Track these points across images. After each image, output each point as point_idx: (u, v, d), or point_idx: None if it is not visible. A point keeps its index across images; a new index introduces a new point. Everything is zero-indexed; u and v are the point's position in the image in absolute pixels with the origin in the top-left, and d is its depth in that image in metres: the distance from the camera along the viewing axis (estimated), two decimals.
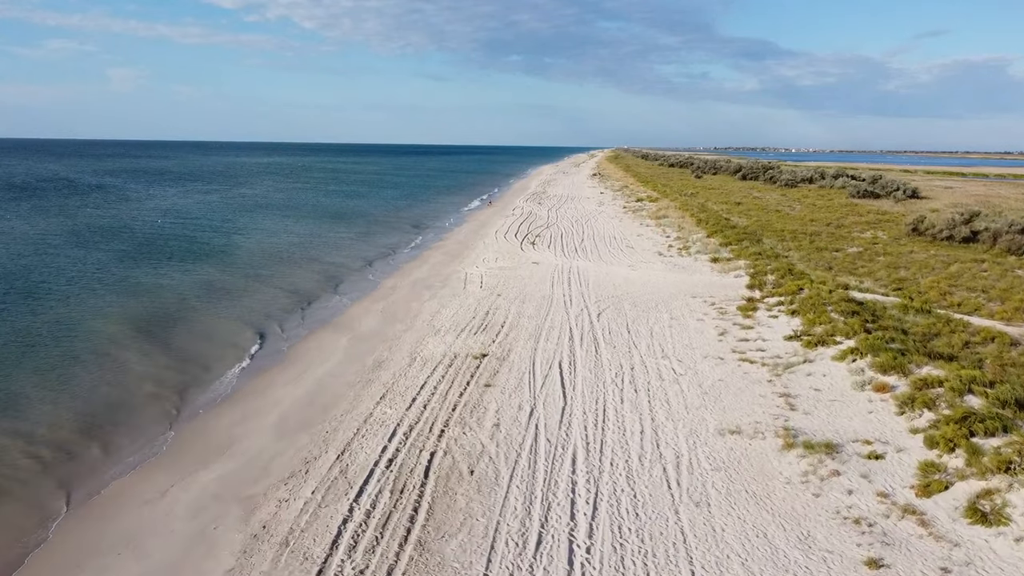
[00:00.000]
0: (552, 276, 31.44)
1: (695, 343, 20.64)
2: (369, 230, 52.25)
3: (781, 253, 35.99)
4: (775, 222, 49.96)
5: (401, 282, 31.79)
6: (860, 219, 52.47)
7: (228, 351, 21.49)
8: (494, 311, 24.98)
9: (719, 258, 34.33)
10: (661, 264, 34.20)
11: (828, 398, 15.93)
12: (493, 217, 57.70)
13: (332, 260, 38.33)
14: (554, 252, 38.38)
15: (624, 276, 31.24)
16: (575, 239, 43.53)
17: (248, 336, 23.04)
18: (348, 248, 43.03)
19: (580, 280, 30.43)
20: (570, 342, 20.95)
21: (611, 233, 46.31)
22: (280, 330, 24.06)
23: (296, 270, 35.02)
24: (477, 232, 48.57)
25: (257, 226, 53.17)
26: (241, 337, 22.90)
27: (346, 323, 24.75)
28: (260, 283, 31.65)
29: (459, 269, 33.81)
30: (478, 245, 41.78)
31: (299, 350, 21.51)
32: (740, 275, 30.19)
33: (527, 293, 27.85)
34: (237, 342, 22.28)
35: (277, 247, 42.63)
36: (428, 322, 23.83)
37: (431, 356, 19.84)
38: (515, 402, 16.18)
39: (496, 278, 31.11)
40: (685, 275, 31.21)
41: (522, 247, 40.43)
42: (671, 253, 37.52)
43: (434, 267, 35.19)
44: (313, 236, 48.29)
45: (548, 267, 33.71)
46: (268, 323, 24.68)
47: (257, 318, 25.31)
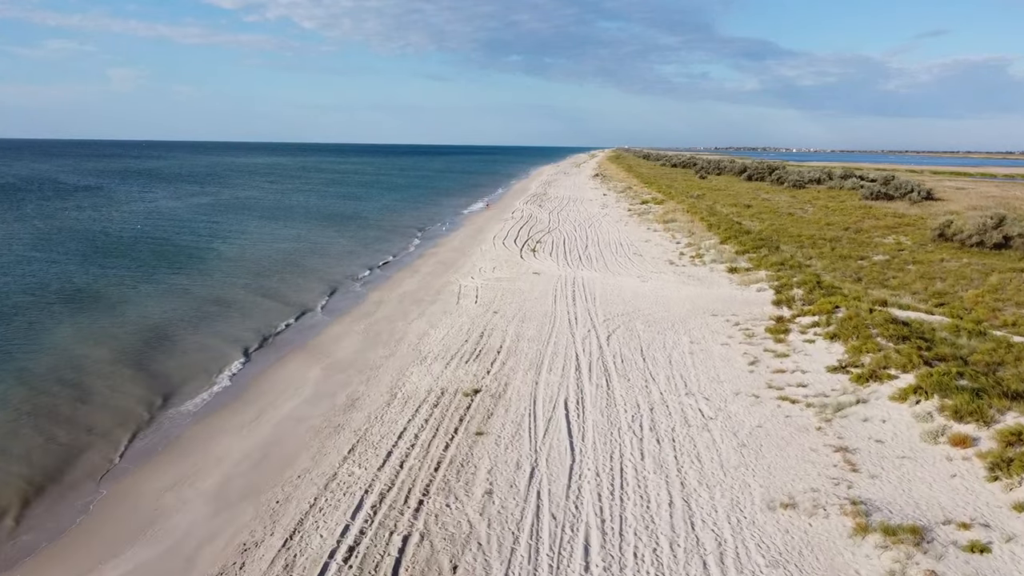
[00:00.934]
0: (555, 289, 28.51)
1: (723, 375, 17.70)
2: (360, 235, 49.32)
3: (803, 262, 33.06)
4: (790, 226, 47.07)
5: (389, 296, 28.84)
6: (878, 222, 49.57)
7: (180, 385, 18.51)
8: (490, 332, 22.04)
9: (737, 268, 31.38)
10: (673, 275, 31.26)
11: (896, 453, 12.99)
12: (491, 221, 54.76)
13: (317, 269, 35.39)
14: (556, 260, 35.46)
15: (634, 289, 28.31)
16: (578, 245, 40.60)
17: (206, 365, 20.06)
18: (336, 255, 40.11)
19: (586, 294, 27.51)
20: (577, 373, 18.02)
21: (617, 239, 43.39)
22: (244, 356, 21.07)
23: (275, 281, 32.08)
24: (474, 237, 45.64)
25: (242, 230, 50.25)
26: (196, 367, 19.89)
27: (322, 347, 21.78)
28: (232, 297, 28.71)
29: (453, 280, 30.88)
30: (474, 252, 38.85)
31: (262, 383, 18.53)
32: (763, 289, 27.25)
33: (527, 310, 24.92)
34: (191, 374, 19.27)
35: (259, 254, 39.71)
36: (414, 346, 20.88)
37: (414, 392, 16.90)
38: (512, 457, 13.25)
39: (493, 291, 28.18)
40: (701, 288, 28.27)
41: (522, 254, 37.50)
42: (683, 262, 34.58)
43: (426, 278, 32.25)
44: (300, 241, 45.37)
45: (550, 278, 30.79)
46: (232, 348, 21.68)
47: (220, 341, 22.31)
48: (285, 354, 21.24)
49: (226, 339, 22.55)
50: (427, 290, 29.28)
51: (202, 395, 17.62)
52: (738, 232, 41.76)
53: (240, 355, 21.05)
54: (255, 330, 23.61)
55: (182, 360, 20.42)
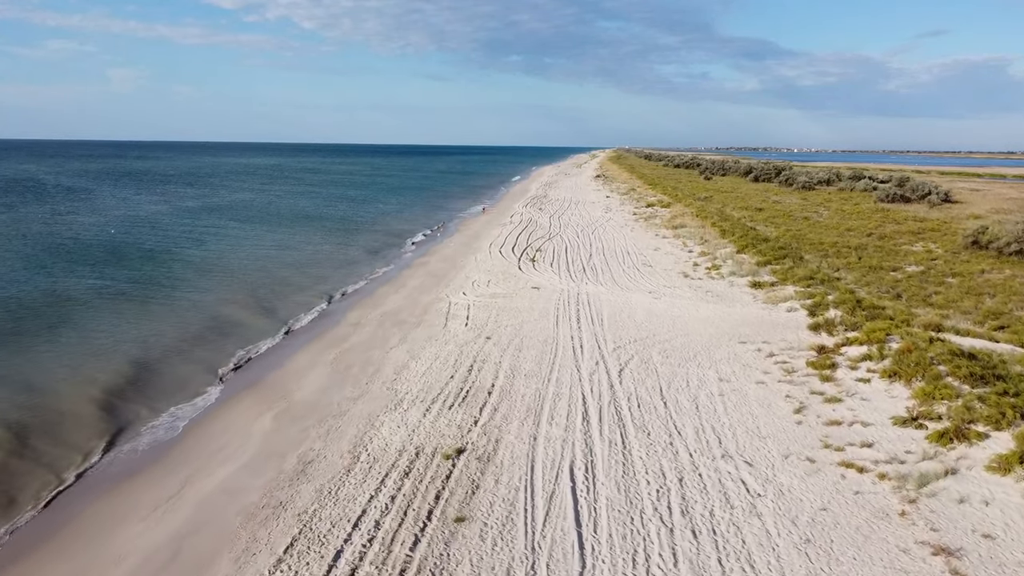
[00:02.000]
0: (556, 307, 25.17)
1: (764, 427, 14.36)
2: (348, 241, 45.97)
3: (832, 275, 29.70)
4: (808, 232, 43.75)
5: (369, 316, 25.47)
6: (900, 228, 46.27)
7: (89, 441, 15.03)
8: (480, 365, 18.69)
9: (761, 283, 28.01)
10: (689, 290, 27.90)
11: (1016, 558, 9.66)
12: (488, 226, 51.38)
13: (293, 282, 32.03)
14: (558, 272, 32.11)
15: (646, 307, 24.96)
16: (582, 254, 37.25)
17: (130, 414, 16.60)
18: (317, 264, 36.75)
19: (591, 313, 24.16)
20: (585, 424, 14.67)
21: (623, 246, 40.03)
22: (183, 396, 17.69)
23: (244, 296, 28.72)
24: (469, 245, 42.28)
25: (222, 236, 46.92)
26: (118, 416, 16.42)
27: (281, 384, 18.41)
28: (189, 317, 25.35)
29: (442, 296, 27.52)
30: (468, 263, 35.50)
31: (197, 437, 15.16)
32: (794, 308, 23.90)
33: (525, 334, 21.56)
34: (108, 426, 15.80)
35: (234, 264, 36.36)
36: (389, 384, 17.53)
37: (383, 452, 13.56)
38: (501, 562, 9.91)
39: (486, 310, 24.84)
40: (722, 307, 24.91)
41: (520, 265, 34.15)
42: (698, 274, 31.21)
43: (412, 293, 28.89)
44: (282, 249, 42.04)
45: (551, 293, 27.44)
46: (172, 387, 18.28)
47: (159, 379, 18.85)
48: (234, 395, 17.84)
49: (167, 375, 19.12)
50: (412, 309, 25.92)
51: (115, 455, 14.22)
52: (755, 239, 38.43)
53: (180, 396, 17.65)
54: (205, 363, 20.19)
55: (101, 408, 16.83)
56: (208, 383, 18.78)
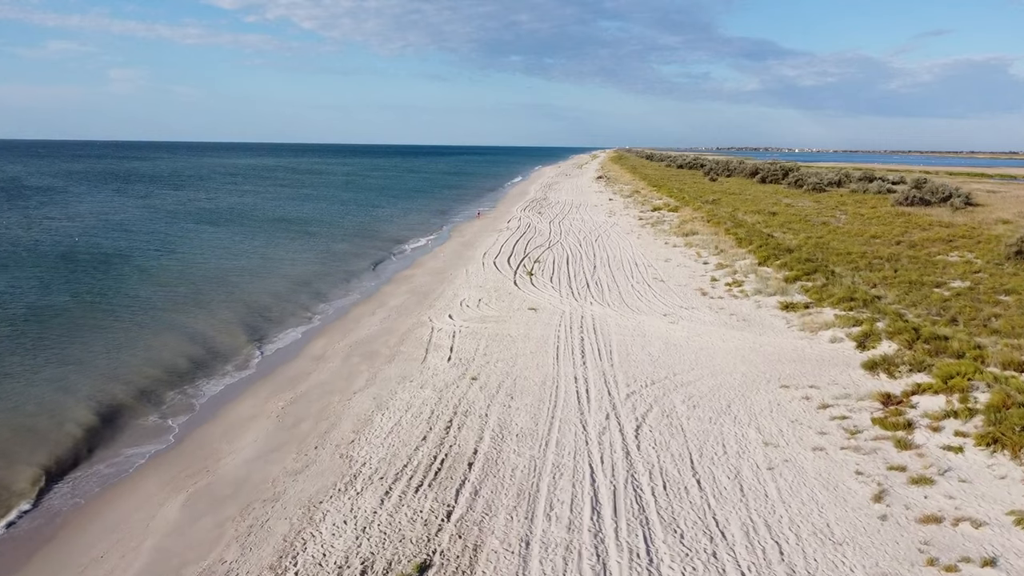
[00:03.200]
0: (556, 334, 21.43)
1: (837, 524, 10.61)
2: (330, 250, 42.23)
3: (870, 292, 25.95)
4: (831, 240, 40.03)
5: (336, 346, 21.69)
6: (928, 234, 42.52)
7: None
8: (462, 419, 14.95)
9: (793, 304, 24.23)
10: (710, 312, 24.15)
11: None
12: (483, 233, 47.61)
13: (259, 300, 28.25)
14: (558, 288, 28.36)
15: (662, 335, 21.23)
16: (585, 266, 33.49)
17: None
18: (289, 278, 32.98)
19: (598, 343, 20.42)
20: (595, 518, 10.92)
21: (630, 256, 36.29)
22: (85, 465, 13.89)
23: (197, 319, 24.94)
24: (460, 255, 38.52)
25: (194, 242, 43.18)
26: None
27: (208, 445, 14.64)
28: (122, 344, 21.46)
29: (424, 320, 23.77)
30: (458, 277, 31.74)
31: (62, 539, 11.33)
32: (839, 339, 20.14)
33: (518, 374, 17.82)
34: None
35: (198, 275, 32.61)
36: (344, 449, 13.77)
37: (315, 570, 9.81)
38: None
39: (475, 339, 21.10)
40: (753, 336, 21.16)
41: (516, 279, 30.40)
42: (718, 291, 27.45)
43: (392, 316, 25.12)
44: (256, 258, 38.29)
45: (551, 316, 23.70)
46: (63, 453, 14.42)
47: (45, 444, 14.86)
48: (149, 461, 14.07)
49: (61, 435, 15.23)
50: (388, 337, 22.14)
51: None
52: (776, 249, 34.70)
53: (83, 467, 13.85)
54: (124, 415, 16.37)
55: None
56: (124, 443, 15.01)
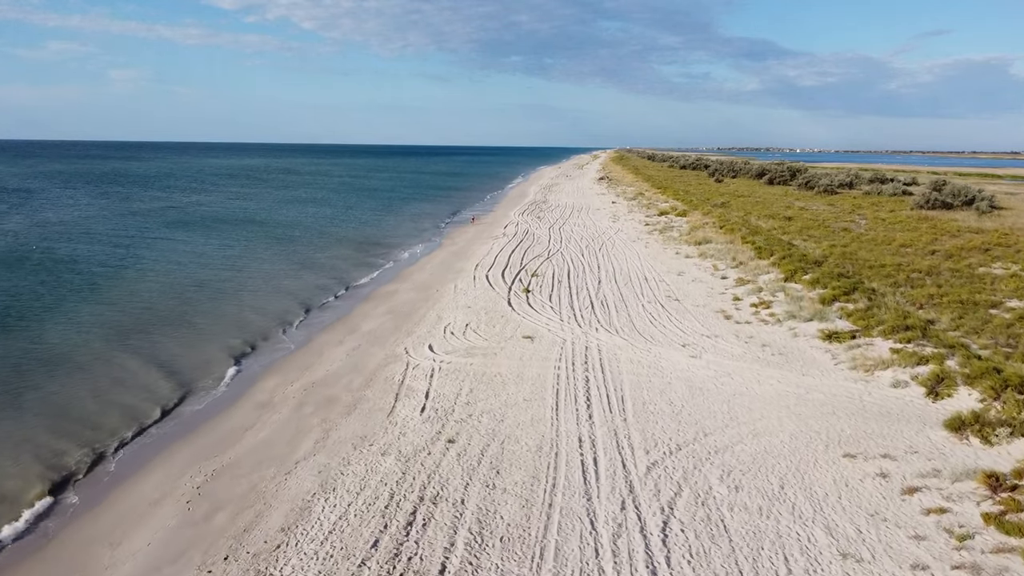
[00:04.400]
0: (556, 373, 17.69)
1: None
2: (307, 260, 38.47)
3: (921, 316, 22.18)
4: (857, 249, 36.34)
5: (286, 389, 17.89)
6: (959, 241, 38.87)
7: None
8: (429, 513, 11.19)
9: (836, 332, 20.43)
10: (738, 342, 20.39)
11: None
12: (477, 240, 43.84)
13: (207, 325, 24.38)
14: (558, 309, 24.61)
15: (684, 374, 17.49)
16: (589, 281, 29.75)
17: None
18: (254, 295, 29.21)
19: (607, 386, 16.69)
20: None
21: (639, 268, 32.54)
22: None
23: (123, 351, 20.96)
24: (450, 267, 34.75)
25: (155, 250, 39.43)
26: None
27: (69, 562, 10.86)
28: (34, 389, 17.72)
29: (399, 352, 20.00)
30: (445, 294, 27.99)
31: None
32: (903, 382, 16.39)
33: (507, 435, 14.07)
34: None
35: (150, 290, 28.84)
36: (263, 567, 10.01)
37: None
38: None
39: (456, 380, 17.36)
40: (794, 374, 17.41)
41: (510, 298, 26.66)
42: (743, 313, 23.70)
43: (361, 346, 21.33)
44: (222, 270, 34.54)
45: (549, 348, 19.96)
46: None
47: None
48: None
49: None
50: (354, 376, 18.37)
51: None
52: (801, 261, 30.98)
53: None
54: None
55: None
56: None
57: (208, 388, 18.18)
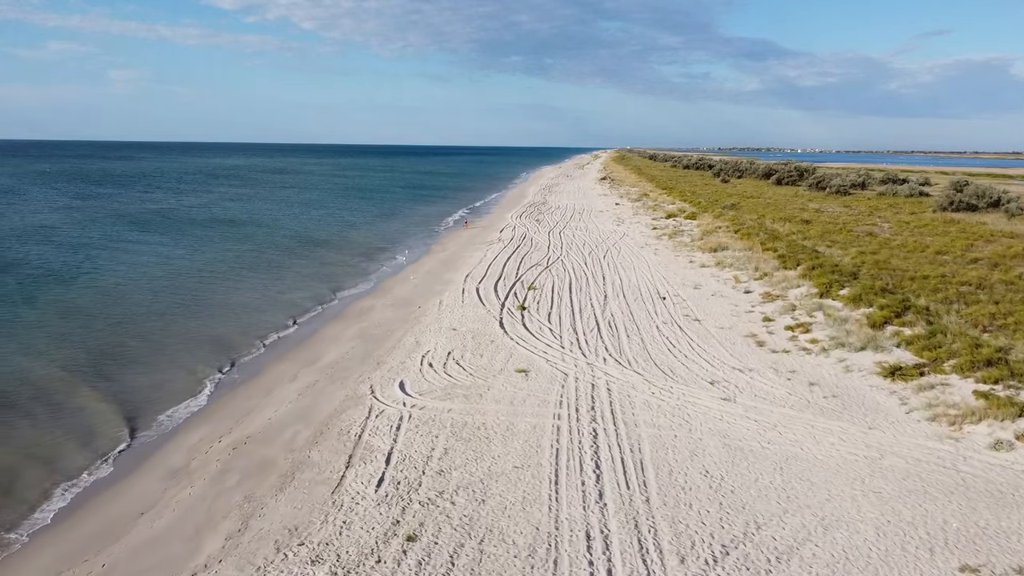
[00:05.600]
0: (555, 426, 13.94)
1: None
2: (279, 268, 34.72)
3: (991, 343, 18.39)
4: (889, 256, 32.60)
5: (211, 448, 14.09)
6: (997, 247, 35.11)
7: None
8: None
9: (899, 368, 16.66)
10: (778, 378, 16.62)
11: None
12: (469, 246, 40.06)
13: (139, 354, 20.49)
14: (559, 332, 20.85)
15: (718, 427, 13.73)
16: (594, 295, 26.00)
17: None
18: (207, 314, 25.41)
19: (621, 446, 12.92)
20: None
21: (649, 279, 28.81)
22: None
23: (14, 399, 17.28)
24: (438, 278, 30.99)
25: (116, 256, 35.71)
26: None
27: None
28: None
29: (363, 392, 16.23)
30: (428, 312, 24.24)
31: None
32: (1007, 442, 12.63)
33: (489, 528, 10.31)
34: None
35: (86, 307, 25.10)
36: None
37: None
38: None
39: (429, 435, 13.61)
40: (858, 428, 13.65)
41: (502, 317, 22.90)
42: (778, 338, 19.92)
43: (318, 383, 17.54)
44: (183, 279, 30.80)
45: (547, 387, 16.20)
46: None
47: None
48: None
49: None
50: (300, 427, 14.60)
51: None
52: (832, 271, 27.22)
53: None
54: None
55: None
56: None
57: (111, 446, 14.35)
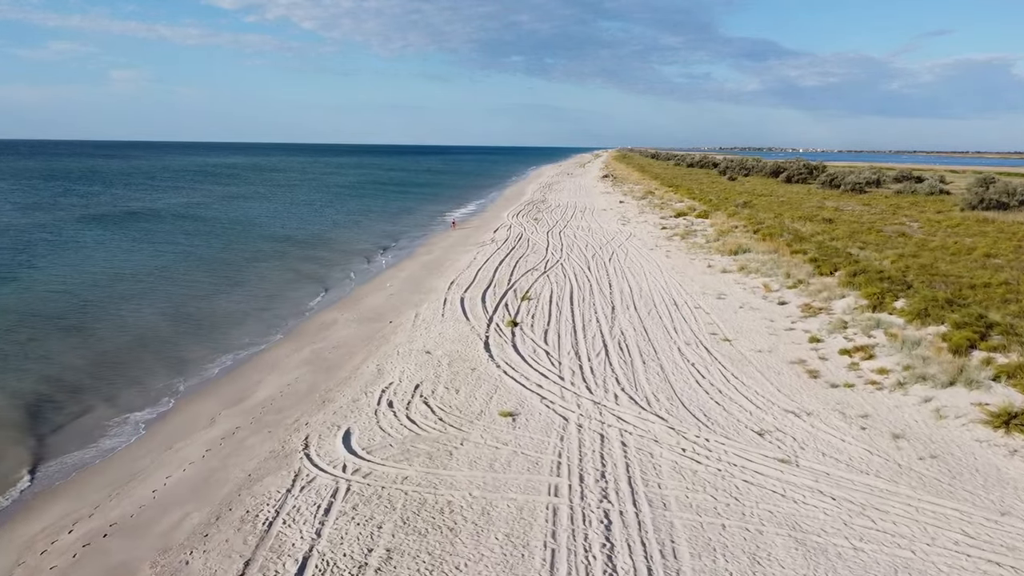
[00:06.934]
0: (551, 507, 9.79)
1: None
2: (242, 273, 30.59)
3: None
4: (932, 260, 28.48)
5: (49, 549, 9.96)
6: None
7: None
8: None
9: (1014, 416, 12.49)
10: (848, 426, 12.45)
11: None
12: (458, 248, 35.84)
13: (35, 393, 16.46)
14: (557, 357, 16.68)
15: (783, 512, 9.57)
16: (600, 307, 21.80)
17: None
18: (129, 336, 21.27)
19: (646, 544, 8.79)
20: None
21: (663, 287, 24.63)
22: None
23: None
24: (418, 284, 26.82)
25: (64, 259, 31.61)
26: None
27: None
28: None
29: (292, 447, 12.07)
30: (400, 327, 20.07)
31: None
32: None
33: None
34: None
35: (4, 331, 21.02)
36: None
37: None
38: None
39: (370, 524, 9.45)
40: (979, 512, 9.50)
41: (488, 336, 18.72)
42: (835, 366, 15.73)
43: (237, 430, 13.35)
44: (124, 285, 26.74)
45: (540, 442, 12.04)
46: None
47: None
48: None
49: None
50: (192, 509, 10.39)
51: None
52: (881, 279, 23.05)
53: None
54: None
55: None
56: None
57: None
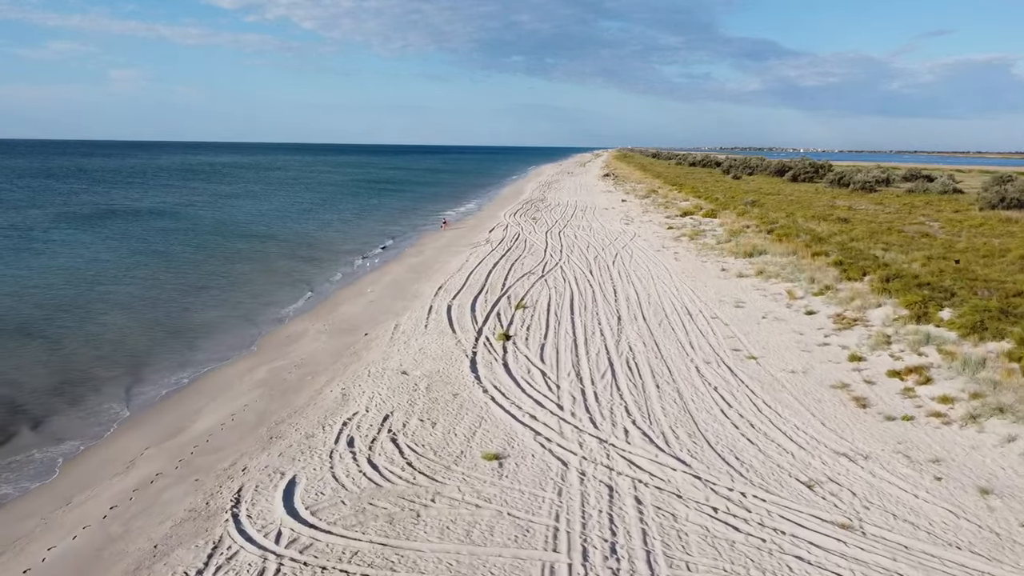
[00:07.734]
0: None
1: None
2: (212, 276, 28.10)
3: None
4: (969, 263, 26.05)
5: None
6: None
7: None
8: None
9: None
10: (916, 474, 9.94)
11: None
12: (449, 249, 33.27)
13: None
14: (555, 381, 14.14)
15: None
16: (604, 318, 19.25)
17: None
18: (86, 346, 18.80)
19: None
20: None
21: (674, 293, 22.09)
22: None
23: None
24: (402, 290, 24.27)
25: (27, 260, 29.15)
26: None
27: None
28: None
29: (219, 505, 9.55)
30: (375, 342, 17.53)
31: None
32: None
33: None
34: None
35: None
36: None
37: None
38: None
39: None
40: None
41: (475, 353, 16.20)
42: (885, 392, 13.19)
43: (156, 478, 10.73)
44: (74, 290, 24.22)
45: (532, 497, 9.50)
46: None
47: None
48: None
49: None
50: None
51: None
52: (919, 286, 20.55)
53: None
54: None
55: None
56: None
57: None
